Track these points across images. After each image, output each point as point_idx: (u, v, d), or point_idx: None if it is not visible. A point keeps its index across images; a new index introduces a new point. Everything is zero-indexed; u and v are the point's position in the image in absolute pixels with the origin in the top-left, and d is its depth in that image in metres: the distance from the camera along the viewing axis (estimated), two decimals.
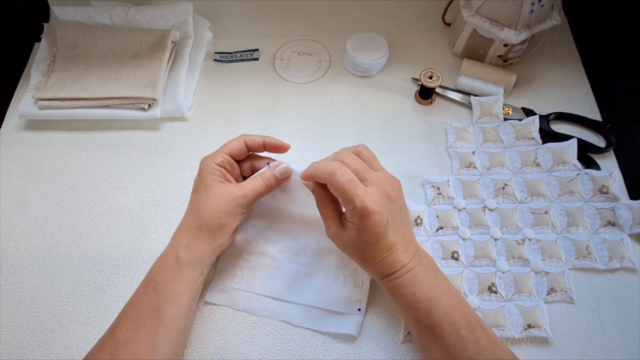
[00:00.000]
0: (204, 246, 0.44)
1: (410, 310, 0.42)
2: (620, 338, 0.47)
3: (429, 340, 0.41)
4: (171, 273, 0.43)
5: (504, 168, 0.56)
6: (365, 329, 0.48)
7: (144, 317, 0.41)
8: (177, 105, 0.62)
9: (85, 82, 0.62)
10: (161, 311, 0.41)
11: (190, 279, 0.44)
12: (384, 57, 0.65)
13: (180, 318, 0.43)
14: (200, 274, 0.45)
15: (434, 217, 0.54)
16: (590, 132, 0.60)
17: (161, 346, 0.41)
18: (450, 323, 0.40)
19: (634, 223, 0.51)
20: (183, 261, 0.43)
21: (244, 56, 0.69)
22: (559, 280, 0.49)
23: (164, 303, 0.42)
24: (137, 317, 0.41)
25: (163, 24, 0.67)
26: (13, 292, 0.52)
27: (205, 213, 0.44)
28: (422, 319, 0.41)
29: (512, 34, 0.57)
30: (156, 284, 0.43)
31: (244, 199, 0.45)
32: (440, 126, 0.61)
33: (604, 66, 0.63)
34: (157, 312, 0.41)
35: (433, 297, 0.41)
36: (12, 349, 0.49)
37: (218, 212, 0.44)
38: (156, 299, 0.42)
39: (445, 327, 0.40)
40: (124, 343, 0.40)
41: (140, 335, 0.40)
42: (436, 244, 0.52)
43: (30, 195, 0.58)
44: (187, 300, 0.44)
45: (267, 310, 0.49)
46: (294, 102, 0.65)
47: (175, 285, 0.43)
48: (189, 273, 0.44)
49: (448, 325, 0.40)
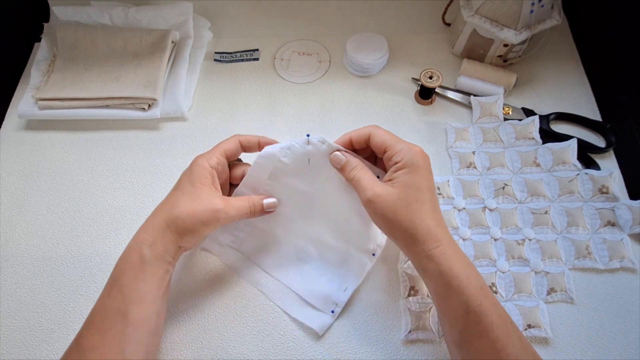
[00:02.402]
0: (168, 245, 0.42)
1: (462, 296, 0.38)
2: (620, 338, 0.47)
3: (473, 335, 0.38)
4: (136, 272, 0.41)
5: (504, 168, 0.56)
6: (366, 329, 0.48)
7: (111, 321, 0.40)
8: (177, 105, 0.62)
9: (85, 82, 0.62)
10: (128, 313, 0.40)
11: (156, 277, 0.42)
12: (384, 57, 0.65)
13: (148, 318, 0.41)
14: (166, 272, 0.43)
15: None
16: (590, 132, 0.60)
17: (131, 349, 0.39)
18: (499, 315, 0.38)
19: (634, 223, 0.51)
20: (148, 259, 0.41)
21: (244, 56, 0.69)
22: (559, 280, 0.49)
23: (130, 304, 0.40)
24: (103, 322, 0.40)
25: (163, 24, 0.67)
26: (13, 292, 0.52)
27: (179, 213, 0.42)
28: (474, 307, 0.38)
29: (512, 34, 0.57)
30: (121, 285, 0.41)
31: (224, 214, 0.43)
32: (440, 126, 0.61)
33: (604, 66, 0.63)
34: (123, 315, 0.39)
35: (483, 285, 0.38)
36: (12, 349, 0.49)
37: (193, 217, 0.42)
38: (121, 301, 0.40)
39: (495, 319, 0.37)
40: (91, 349, 0.38)
41: (107, 341, 0.39)
42: None
43: (30, 195, 0.58)
44: (155, 298, 0.42)
45: (251, 276, 0.51)
46: (294, 102, 0.65)
47: (141, 285, 0.41)
48: (155, 271, 0.42)
49: (497, 317, 0.37)
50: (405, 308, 0.48)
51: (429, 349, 0.47)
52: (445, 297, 0.40)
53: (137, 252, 0.41)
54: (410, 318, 0.48)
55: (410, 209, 0.40)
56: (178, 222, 0.42)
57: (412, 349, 0.47)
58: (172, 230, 0.42)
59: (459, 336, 0.39)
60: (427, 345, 0.47)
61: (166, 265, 0.43)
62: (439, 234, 0.40)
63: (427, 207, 0.41)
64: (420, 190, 0.41)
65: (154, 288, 0.42)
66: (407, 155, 0.41)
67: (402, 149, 0.42)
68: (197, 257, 0.53)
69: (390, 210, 0.40)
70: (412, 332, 0.47)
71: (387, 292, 0.50)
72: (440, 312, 0.42)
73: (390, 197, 0.40)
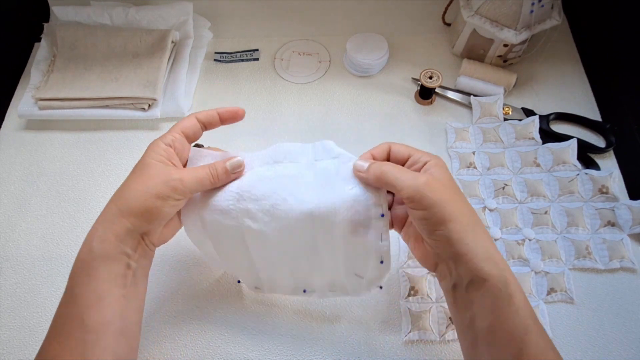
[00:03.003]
0: (122, 234, 0.37)
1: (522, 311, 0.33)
2: (620, 338, 0.47)
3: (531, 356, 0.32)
4: (88, 271, 0.36)
5: (504, 168, 0.56)
6: (366, 329, 0.48)
7: (68, 328, 0.36)
8: (177, 105, 0.62)
9: (85, 82, 0.62)
10: (85, 319, 0.35)
11: (112, 274, 0.37)
12: (384, 57, 0.65)
13: (112, 321, 0.36)
14: (126, 267, 0.38)
15: None
16: (590, 132, 0.60)
17: (94, 356, 0.35)
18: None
19: (634, 223, 0.51)
20: (98, 255, 0.36)
21: (244, 56, 0.69)
22: (559, 281, 0.49)
23: (85, 309, 0.35)
24: (61, 330, 0.36)
25: (163, 24, 0.67)
26: (13, 292, 0.52)
27: (129, 193, 0.37)
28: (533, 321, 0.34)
29: (512, 34, 0.57)
30: (72, 287, 0.36)
31: (179, 182, 0.38)
32: (440, 126, 0.61)
33: (604, 66, 0.63)
34: (80, 320, 0.35)
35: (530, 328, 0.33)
36: (12, 349, 0.49)
37: (145, 192, 0.37)
38: (75, 306, 0.36)
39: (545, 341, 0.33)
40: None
41: (67, 350, 0.35)
42: None
43: (30, 195, 0.58)
44: (117, 299, 0.37)
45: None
46: (294, 102, 0.65)
47: (94, 285, 0.36)
48: (109, 268, 0.37)
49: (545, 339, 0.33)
50: (405, 308, 0.48)
51: (429, 349, 0.47)
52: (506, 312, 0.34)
53: (86, 248, 0.37)
54: (410, 318, 0.48)
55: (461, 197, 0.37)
56: (130, 203, 0.37)
57: (412, 349, 0.47)
58: (124, 215, 0.37)
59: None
60: (427, 345, 0.47)
61: (125, 259, 0.37)
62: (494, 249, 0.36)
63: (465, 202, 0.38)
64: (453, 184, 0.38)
65: (113, 287, 0.37)
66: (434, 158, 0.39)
67: (424, 154, 0.39)
68: (196, 257, 0.53)
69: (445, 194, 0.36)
70: (412, 332, 0.47)
71: (387, 292, 0.50)
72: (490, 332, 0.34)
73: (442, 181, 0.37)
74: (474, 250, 0.35)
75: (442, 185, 0.36)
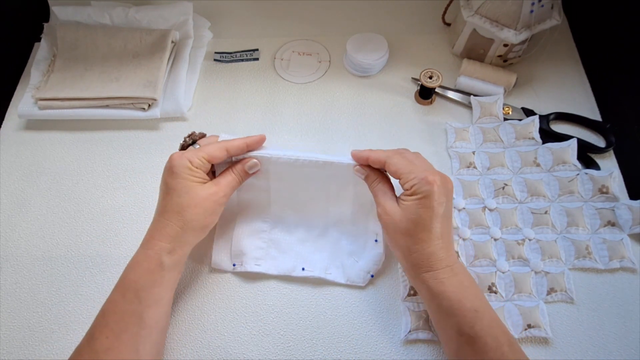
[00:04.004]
0: (186, 248, 0.45)
1: (453, 318, 0.40)
2: (620, 338, 0.47)
3: (468, 354, 0.40)
4: (154, 278, 0.43)
5: (504, 168, 0.56)
6: (366, 329, 0.48)
7: (126, 323, 0.41)
8: (177, 105, 0.62)
9: (85, 82, 0.62)
10: (143, 316, 0.41)
11: (172, 281, 0.44)
12: (384, 57, 0.65)
13: (162, 319, 0.43)
14: (179, 273, 0.46)
15: None
16: (590, 132, 0.60)
17: (144, 349, 0.41)
18: (494, 337, 0.39)
19: (634, 223, 0.51)
20: (167, 266, 0.43)
21: (244, 56, 0.69)
22: (558, 280, 0.49)
23: (146, 308, 0.41)
24: (118, 324, 0.41)
25: (163, 24, 0.67)
26: (13, 292, 0.52)
27: (191, 216, 0.44)
28: (465, 329, 0.40)
29: (512, 34, 0.57)
30: (137, 290, 0.42)
31: (224, 198, 0.46)
32: (440, 126, 0.61)
33: (604, 66, 0.63)
34: (139, 317, 0.41)
35: (479, 307, 0.40)
36: (12, 349, 0.49)
37: (204, 214, 0.44)
38: (138, 305, 0.41)
39: (489, 342, 0.39)
40: (105, 351, 0.39)
41: (122, 342, 0.40)
42: None
43: (30, 195, 0.58)
44: (168, 301, 0.44)
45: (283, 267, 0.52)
46: (294, 102, 0.65)
47: (158, 290, 0.43)
48: (172, 276, 0.44)
49: (492, 340, 0.39)
50: (405, 308, 0.48)
51: (429, 349, 0.47)
52: (438, 318, 0.43)
53: (155, 260, 0.43)
54: (410, 318, 0.48)
55: (411, 232, 0.42)
56: (193, 224, 0.44)
57: (412, 349, 0.47)
58: (189, 235, 0.44)
59: (455, 355, 0.41)
60: (427, 345, 0.47)
61: (181, 268, 0.46)
62: (436, 259, 0.42)
63: (431, 234, 0.42)
64: (426, 218, 0.41)
65: (169, 291, 0.44)
66: (418, 185, 0.42)
67: (414, 177, 0.43)
68: (197, 257, 0.53)
69: (391, 229, 0.43)
70: (412, 332, 0.47)
71: (387, 292, 0.50)
72: (437, 331, 0.45)
73: (396, 217, 0.43)
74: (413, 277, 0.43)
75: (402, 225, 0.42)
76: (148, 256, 0.43)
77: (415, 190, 0.42)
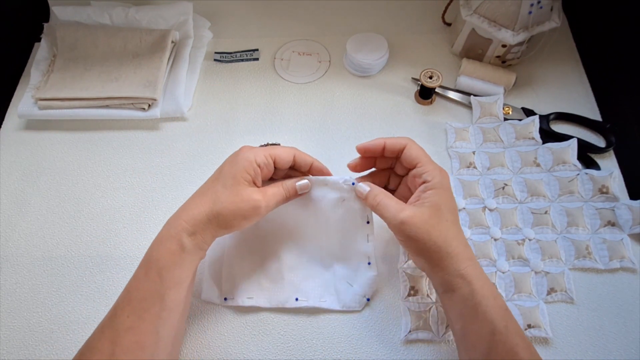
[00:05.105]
0: (207, 236, 0.43)
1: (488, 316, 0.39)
2: (620, 338, 0.47)
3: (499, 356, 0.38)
4: (175, 259, 0.42)
5: (504, 168, 0.56)
6: (366, 329, 0.48)
7: (148, 303, 0.40)
8: (177, 105, 0.62)
9: (85, 82, 0.62)
10: (165, 297, 0.41)
11: (192, 264, 0.43)
12: (384, 57, 0.65)
13: (182, 302, 0.43)
14: (200, 258, 0.45)
15: None
16: (590, 132, 0.60)
17: (164, 331, 0.41)
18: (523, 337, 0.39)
19: (634, 223, 0.51)
20: (188, 248, 0.42)
21: (244, 56, 0.69)
22: (559, 280, 0.49)
23: (167, 289, 0.41)
24: (140, 304, 0.40)
25: (163, 24, 0.67)
26: (13, 292, 0.52)
27: (222, 209, 0.43)
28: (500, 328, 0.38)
29: (510, 35, 0.57)
30: (159, 269, 0.41)
31: (265, 209, 0.44)
32: (440, 126, 0.61)
33: (604, 66, 0.63)
34: (161, 298, 0.41)
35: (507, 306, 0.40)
36: (12, 349, 0.49)
37: (236, 213, 0.43)
38: (160, 285, 0.41)
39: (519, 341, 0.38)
40: (126, 330, 0.39)
41: (144, 322, 0.40)
42: None
43: (30, 195, 0.58)
44: (189, 284, 0.44)
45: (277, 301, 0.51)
46: (294, 102, 0.65)
47: (179, 272, 0.42)
48: (192, 259, 0.43)
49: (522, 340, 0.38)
50: (405, 308, 0.48)
51: (429, 349, 0.47)
52: (472, 317, 0.40)
53: (176, 240, 0.42)
54: (410, 318, 0.48)
55: (443, 227, 0.41)
56: (220, 218, 0.43)
57: (412, 349, 0.47)
58: (213, 225, 0.43)
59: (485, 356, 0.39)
60: (427, 345, 0.47)
61: (201, 254, 0.44)
62: (469, 253, 0.42)
63: (455, 227, 0.42)
64: (449, 211, 0.42)
65: (190, 274, 0.43)
66: (438, 177, 0.42)
67: (433, 169, 0.43)
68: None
69: (423, 229, 0.41)
70: (412, 332, 0.47)
71: (387, 292, 0.50)
72: (462, 334, 0.41)
73: (423, 217, 0.41)
74: (447, 268, 0.41)
75: (422, 221, 0.41)
76: (169, 235, 0.43)
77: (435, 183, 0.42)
